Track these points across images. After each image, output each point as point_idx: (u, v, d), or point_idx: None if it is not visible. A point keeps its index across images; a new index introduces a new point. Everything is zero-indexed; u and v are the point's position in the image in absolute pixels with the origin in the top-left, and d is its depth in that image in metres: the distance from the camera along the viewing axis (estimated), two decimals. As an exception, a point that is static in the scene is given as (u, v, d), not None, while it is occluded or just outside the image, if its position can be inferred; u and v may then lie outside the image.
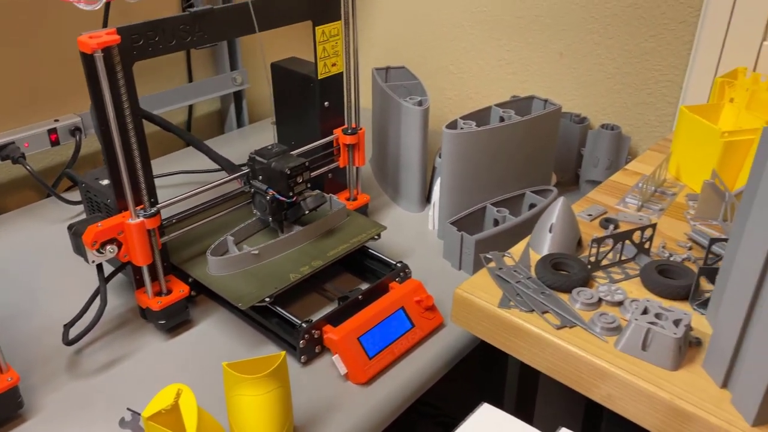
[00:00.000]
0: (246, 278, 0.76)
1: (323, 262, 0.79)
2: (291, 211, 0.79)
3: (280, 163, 0.75)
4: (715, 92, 0.80)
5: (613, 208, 0.74)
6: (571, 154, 1.09)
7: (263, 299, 0.73)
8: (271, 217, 0.78)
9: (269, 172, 0.76)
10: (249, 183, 0.79)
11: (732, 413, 0.47)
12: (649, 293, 0.59)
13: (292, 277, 0.76)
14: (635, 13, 0.99)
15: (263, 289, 0.74)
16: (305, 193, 0.79)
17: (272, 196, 0.76)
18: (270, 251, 0.80)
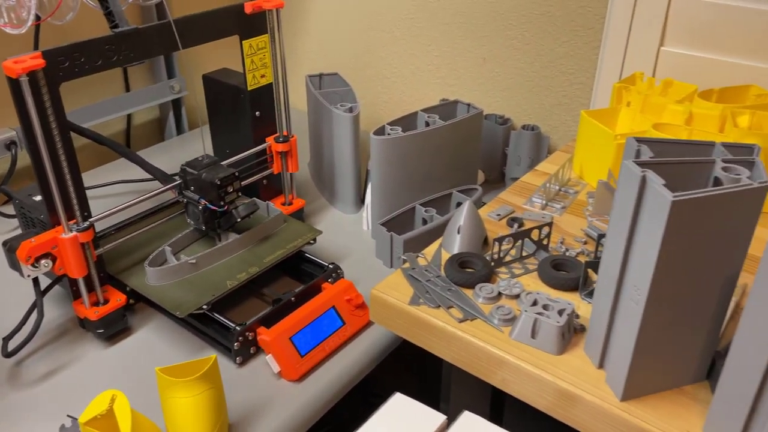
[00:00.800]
0: (184, 287, 0.80)
1: (260, 269, 0.83)
2: (224, 220, 0.83)
3: (210, 173, 0.79)
4: (614, 96, 0.87)
5: (521, 208, 0.80)
6: (497, 154, 1.15)
7: (201, 307, 0.76)
8: (204, 226, 0.82)
9: (200, 183, 0.80)
10: (182, 193, 0.83)
11: (606, 391, 0.54)
12: (545, 286, 0.65)
13: (229, 284, 0.80)
14: (548, 20, 1.06)
15: (201, 297, 0.78)
16: (237, 202, 0.83)
17: (204, 205, 0.80)
18: (208, 260, 0.83)
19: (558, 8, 1.05)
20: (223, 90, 0.98)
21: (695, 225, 0.46)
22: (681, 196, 0.44)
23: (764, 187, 0.46)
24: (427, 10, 1.20)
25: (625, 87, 0.86)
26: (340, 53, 1.37)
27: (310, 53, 1.43)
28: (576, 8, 1.02)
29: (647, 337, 0.50)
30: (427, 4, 1.19)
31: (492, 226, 0.76)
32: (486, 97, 1.20)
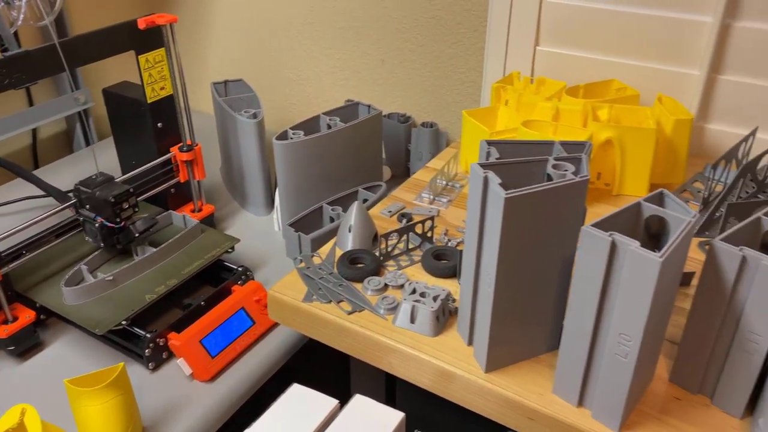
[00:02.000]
0: (102, 304, 0.82)
1: (178, 281, 0.86)
2: (122, 236, 0.85)
3: (104, 191, 0.81)
4: (494, 95, 0.95)
5: (411, 203, 0.87)
6: (400, 151, 1.22)
7: (120, 323, 0.79)
8: (103, 243, 0.84)
9: (94, 201, 0.82)
10: (78, 212, 0.84)
11: (474, 365, 0.61)
12: (428, 275, 0.72)
13: (148, 298, 0.83)
14: (437, 23, 1.13)
15: (119, 313, 0.80)
16: (134, 217, 0.85)
17: (101, 223, 0.82)
18: (125, 275, 0.85)
19: (445, 12, 1.12)
20: (123, 103, 1.00)
21: (528, 216, 0.53)
22: (513, 193, 0.51)
23: (585, 181, 0.54)
24: (325, 15, 1.24)
25: (502, 86, 0.94)
26: (246, 59, 1.40)
27: (217, 60, 1.45)
28: (461, 11, 1.10)
29: (501, 315, 0.57)
30: (325, 10, 1.24)
31: (384, 223, 0.83)
32: (387, 97, 1.26)
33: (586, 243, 0.50)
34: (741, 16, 0.88)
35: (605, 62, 0.99)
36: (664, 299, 0.50)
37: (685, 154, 0.87)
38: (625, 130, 0.83)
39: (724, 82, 0.92)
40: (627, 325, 0.49)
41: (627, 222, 0.53)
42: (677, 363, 0.57)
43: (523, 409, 0.57)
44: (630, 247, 0.47)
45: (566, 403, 0.56)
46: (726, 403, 0.55)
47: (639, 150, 0.83)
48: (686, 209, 0.52)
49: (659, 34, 0.93)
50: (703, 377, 0.56)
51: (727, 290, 0.51)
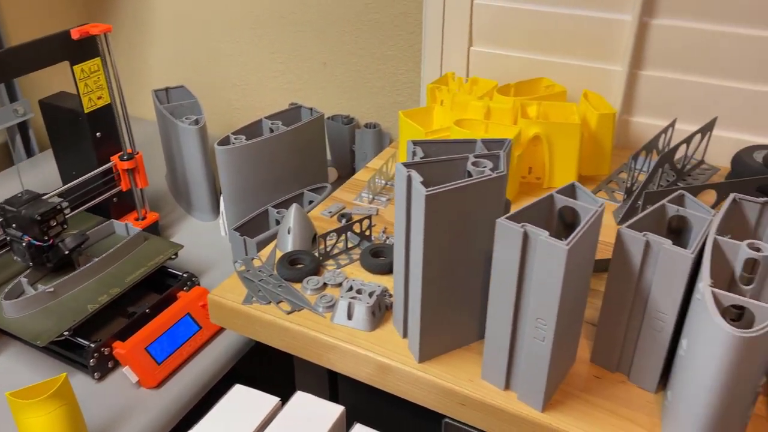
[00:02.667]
0: (44, 316, 0.81)
1: (121, 289, 0.86)
2: (52, 254, 0.84)
3: (30, 209, 0.80)
4: (429, 96, 0.98)
5: (351, 203, 0.89)
6: (345, 152, 1.24)
7: (62, 333, 0.79)
8: (32, 262, 0.83)
9: (20, 220, 0.81)
10: (5, 232, 0.83)
11: (409, 356, 0.63)
12: (367, 272, 0.74)
13: (90, 308, 0.83)
14: (375, 25, 1.15)
15: (62, 324, 0.80)
16: (63, 234, 0.84)
17: (28, 242, 0.81)
18: (67, 286, 0.85)
19: (382, 15, 1.14)
20: (60, 114, 0.99)
21: (450, 211, 0.55)
22: (433, 190, 0.54)
23: (502, 176, 0.57)
24: (267, 20, 1.26)
25: (437, 87, 0.97)
26: (189, 65, 1.40)
27: (160, 66, 1.44)
28: (397, 15, 1.12)
29: (430, 307, 0.60)
30: (266, 15, 1.25)
31: (324, 223, 0.85)
32: (331, 99, 1.28)
33: (500, 234, 0.53)
34: (657, 15, 0.93)
35: (535, 61, 1.03)
36: (575, 284, 0.53)
37: (609, 147, 0.91)
38: (551, 126, 0.87)
39: (645, 77, 0.97)
40: (542, 310, 0.52)
41: (541, 213, 0.56)
42: (596, 344, 0.61)
43: (456, 395, 0.60)
44: (540, 237, 0.50)
45: (494, 388, 0.59)
46: (641, 379, 0.59)
47: (565, 144, 0.87)
48: (594, 200, 0.55)
49: (583, 33, 0.98)
50: (620, 356, 0.60)
51: (634, 273, 0.55)
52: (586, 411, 0.57)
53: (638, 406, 0.57)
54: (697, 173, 0.92)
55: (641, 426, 0.55)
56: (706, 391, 0.47)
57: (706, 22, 0.90)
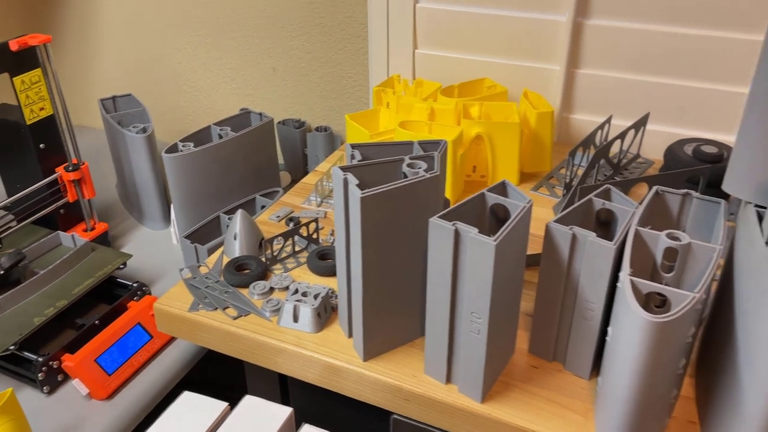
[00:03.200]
0: None
1: (68, 301, 0.85)
2: (-12, 273, 0.83)
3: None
4: (375, 99, 0.99)
5: (299, 207, 0.90)
6: (298, 155, 1.25)
7: (8, 348, 0.77)
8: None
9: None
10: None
11: (354, 356, 0.65)
12: (314, 275, 0.75)
13: (36, 321, 0.81)
14: (322, 30, 1.16)
15: (7, 338, 0.78)
16: None
17: (-41, 262, 0.80)
18: (11, 300, 0.84)
19: (329, 19, 1.15)
20: (2, 126, 0.97)
21: (386, 212, 0.57)
22: (368, 192, 0.55)
23: (435, 177, 0.59)
24: (214, 27, 1.25)
25: (383, 89, 0.98)
26: (138, 73, 1.39)
27: (109, 75, 1.43)
28: (343, 19, 1.14)
29: (372, 306, 0.61)
30: (214, 21, 1.25)
31: (273, 228, 0.85)
32: (282, 104, 1.28)
33: (433, 233, 0.54)
34: (590, 15, 0.96)
35: (478, 62, 1.05)
36: (506, 278, 0.55)
37: (549, 144, 0.94)
38: (492, 125, 0.89)
39: (582, 75, 1.00)
40: (476, 305, 0.54)
41: (474, 211, 0.58)
42: (532, 335, 0.63)
43: (400, 391, 0.62)
44: (470, 234, 0.52)
45: (437, 382, 0.61)
46: (575, 367, 0.61)
47: (506, 143, 0.90)
48: (523, 197, 0.57)
49: (522, 34, 1.01)
50: (555, 346, 0.62)
51: (563, 266, 0.57)
52: (523, 400, 0.59)
53: (573, 393, 0.60)
54: (633, 167, 0.96)
55: (576, 412, 0.58)
56: (629, 375, 0.49)
57: (637, 21, 0.94)
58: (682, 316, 0.47)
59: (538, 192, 0.92)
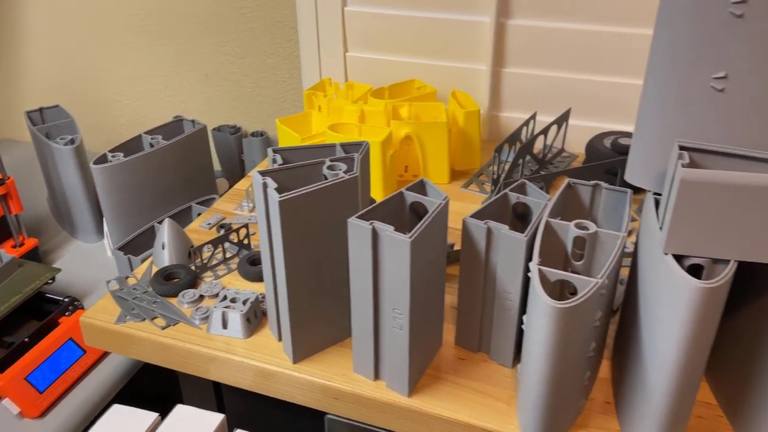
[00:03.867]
0: None
1: None
2: None
3: None
4: (306, 102, 1.00)
5: (231, 213, 0.89)
6: (235, 161, 1.24)
7: None
8: None
9: None
10: None
11: (285, 359, 0.65)
12: (245, 281, 0.75)
13: None
14: (253, 35, 1.16)
15: None
16: None
17: None
18: None
19: (259, 24, 1.15)
20: None
21: (307, 215, 0.58)
22: (286, 196, 0.56)
23: (354, 178, 0.60)
24: (143, 35, 1.24)
25: (314, 93, 0.99)
26: (68, 83, 1.35)
27: (37, 87, 1.39)
28: (273, 23, 1.14)
29: (299, 309, 0.62)
30: (143, 29, 1.23)
31: (203, 236, 0.85)
32: (217, 110, 1.27)
33: (352, 233, 0.55)
34: (512, 15, 0.99)
35: (407, 63, 1.07)
36: (425, 273, 0.57)
37: (478, 142, 0.97)
38: (420, 125, 0.91)
39: (508, 74, 1.03)
40: (396, 301, 0.56)
41: (393, 210, 0.59)
42: (458, 327, 0.65)
43: (330, 391, 0.63)
44: (386, 232, 0.53)
45: (365, 379, 0.62)
46: (499, 356, 0.64)
47: (435, 142, 0.92)
48: (440, 194, 0.59)
49: (449, 35, 1.03)
50: (479, 337, 0.64)
51: (482, 258, 0.59)
52: (450, 391, 0.61)
53: (497, 382, 0.62)
54: (558, 161, 0.99)
55: (499, 399, 0.60)
56: (541, 360, 0.51)
57: (556, 20, 0.97)
58: (585, 301, 0.49)
59: (468, 189, 0.94)
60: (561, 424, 0.56)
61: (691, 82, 0.51)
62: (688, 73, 0.50)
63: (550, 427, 0.55)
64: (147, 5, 1.20)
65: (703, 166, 0.51)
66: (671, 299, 0.47)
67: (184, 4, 1.17)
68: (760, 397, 0.53)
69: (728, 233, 0.47)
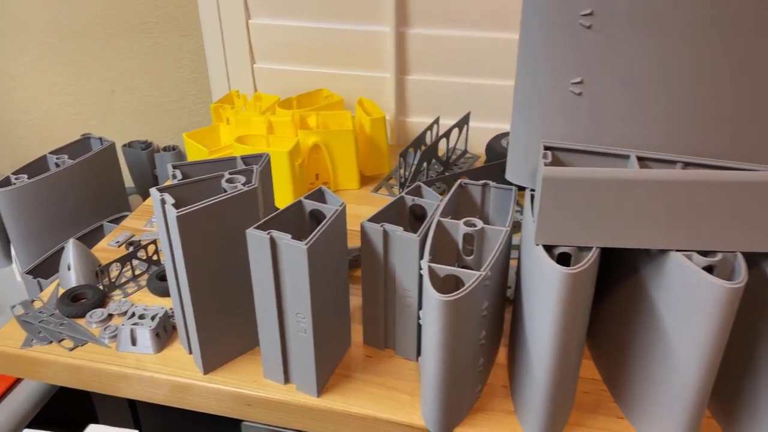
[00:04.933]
0: None
1: None
2: None
3: None
4: (214, 115, 1.00)
5: (140, 230, 0.89)
6: (148, 177, 1.22)
7: None
8: None
9: None
10: None
11: (195, 370, 0.66)
12: (155, 296, 0.76)
13: None
14: (159, 49, 1.16)
15: None
16: None
17: None
18: None
19: (164, 39, 1.15)
20: None
21: (207, 228, 0.59)
22: (183, 211, 0.57)
23: (253, 189, 0.62)
24: (47, 51, 1.21)
25: (221, 106, 1.00)
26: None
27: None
28: (178, 38, 1.14)
29: (205, 320, 0.63)
30: (44, 46, 1.20)
31: (112, 254, 0.84)
32: (126, 126, 1.26)
33: (252, 243, 0.57)
34: (411, 25, 1.03)
35: (315, 73, 1.10)
36: (326, 277, 0.59)
37: (386, 147, 1.00)
38: (327, 134, 0.94)
39: (411, 81, 1.07)
40: (298, 306, 0.58)
41: (294, 218, 0.62)
42: (365, 327, 0.68)
43: (242, 398, 0.64)
44: (283, 240, 0.56)
45: (276, 384, 0.64)
46: (404, 350, 0.67)
47: (343, 149, 0.95)
48: (337, 201, 0.62)
49: (353, 45, 1.06)
50: (385, 334, 0.67)
51: (381, 259, 0.63)
52: (358, 388, 0.64)
53: (402, 375, 0.65)
54: (461, 162, 1.04)
55: (404, 392, 0.63)
56: (434, 350, 0.55)
57: (452, 28, 1.02)
58: (470, 293, 0.53)
59: (378, 193, 0.98)
60: (459, 409, 0.60)
61: (554, 87, 0.56)
62: (550, 79, 0.55)
63: (449, 413, 0.58)
64: (49, 22, 1.17)
65: (567, 164, 0.56)
66: (543, 285, 0.52)
67: (86, 21, 1.15)
68: (632, 369, 0.59)
69: (590, 223, 0.52)
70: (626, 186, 0.51)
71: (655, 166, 0.54)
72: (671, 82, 0.52)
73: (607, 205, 0.51)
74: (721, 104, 0.52)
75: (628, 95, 0.54)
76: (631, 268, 0.58)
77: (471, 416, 0.61)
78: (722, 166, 0.52)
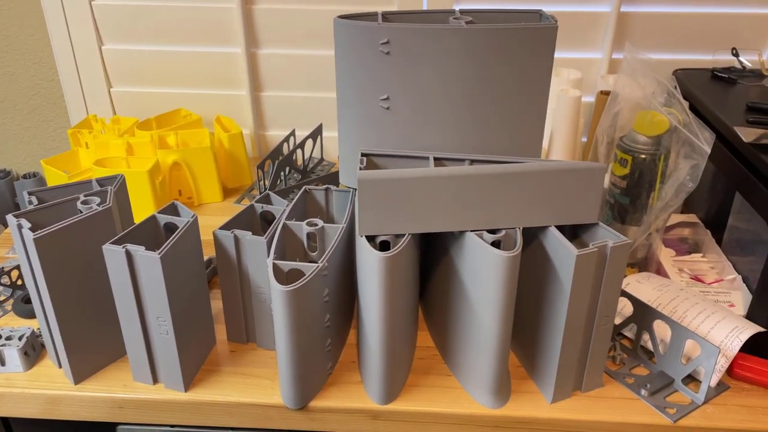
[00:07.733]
0: None
1: None
2: None
3: None
4: (72, 140, 1.03)
5: (4, 257, 0.91)
6: (8, 205, 1.21)
7: None
8: None
9: None
10: None
11: (66, 382, 0.70)
12: (22, 319, 0.78)
13: None
14: (12, 78, 1.15)
15: None
16: None
17: None
18: None
19: (16, 66, 1.15)
20: None
21: (66, 248, 0.64)
22: (40, 233, 0.62)
23: (107, 209, 0.67)
24: None
25: (78, 131, 1.02)
26: None
27: None
28: (31, 65, 1.14)
29: (70, 334, 0.67)
30: None
31: (-26, 284, 0.85)
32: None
33: (109, 257, 0.63)
34: (260, 46, 1.12)
35: (174, 94, 1.15)
36: (182, 282, 0.66)
37: (246, 160, 1.08)
38: (186, 151, 1.00)
39: (266, 97, 1.15)
40: (158, 310, 0.64)
41: (149, 232, 0.68)
42: (227, 324, 0.75)
43: (114, 402, 0.69)
44: (138, 252, 0.62)
45: (146, 385, 0.70)
46: (264, 341, 0.75)
47: (203, 165, 1.01)
48: (189, 213, 0.69)
49: (208, 66, 1.13)
50: (246, 329, 0.75)
51: (234, 261, 0.70)
52: (223, 380, 0.71)
53: (264, 364, 0.73)
54: (319, 170, 1.14)
55: (266, 378, 0.71)
56: (283, 334, 0.63)
57: (298, 48, 1.11)
58: (308, 282, 0.62)
59: (241, 204, 1.05)
60: (312, 385, 0.69)
61: (367, 102, 0.67)
62: (364, 95, 0.66)
63: (303, 389, 0.67)
64: None
65: (382, 167, 0.67)
66: (369, 269, 0.62)
67: (-75, 50, 1.13)
68: (453, 333, 0.71)
69: (401, 214, 0.63)
70: (426, 182, 0.62)
71: (449, 164, 0.66)
72: (453, 97, 0.65)
73: (413, 198, 0.62)
74: (488, 113, 0.66)
75: (424, 108, 0.66)
76: (444, 249, 0.70)
77: (324, 390, 0.70)
78: (499, 160, 0.65)
